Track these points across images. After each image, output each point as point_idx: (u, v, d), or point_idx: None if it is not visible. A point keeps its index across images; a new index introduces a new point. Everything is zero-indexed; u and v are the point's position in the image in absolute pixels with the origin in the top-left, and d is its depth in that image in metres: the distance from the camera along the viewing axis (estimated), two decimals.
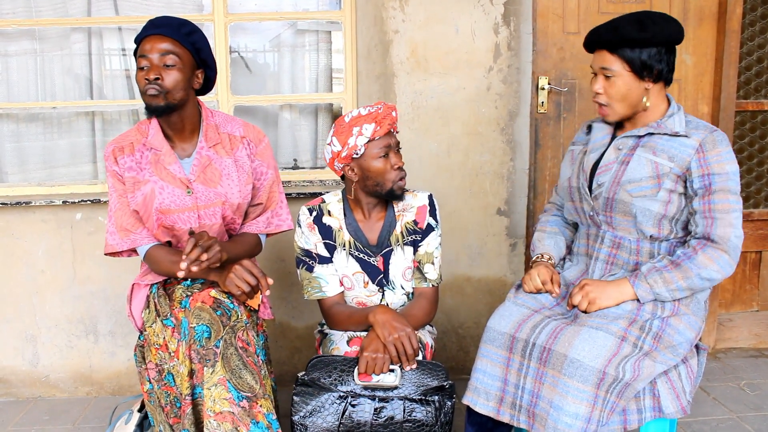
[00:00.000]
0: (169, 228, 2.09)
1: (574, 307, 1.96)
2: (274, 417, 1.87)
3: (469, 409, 1.99)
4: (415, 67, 2.91)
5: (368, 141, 2.00)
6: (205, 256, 1.86)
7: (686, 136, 1.92)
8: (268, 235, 2.27)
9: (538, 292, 2.04)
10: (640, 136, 1.98)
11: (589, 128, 2.16)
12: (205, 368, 1.83)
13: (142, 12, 3.06)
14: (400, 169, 2.05)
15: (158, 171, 2.07)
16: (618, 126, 2.08)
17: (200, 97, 3.00)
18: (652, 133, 1.97)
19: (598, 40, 1.97)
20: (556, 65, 3.04)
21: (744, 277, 3.34)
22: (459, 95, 2.93)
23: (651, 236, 1.96)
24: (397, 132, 2.09)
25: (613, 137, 2.07)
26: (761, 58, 3.19)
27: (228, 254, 2.00)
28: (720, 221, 1.85)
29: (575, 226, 2.26)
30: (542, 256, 2.15)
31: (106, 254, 2.16)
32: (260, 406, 1.83)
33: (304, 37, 3.21)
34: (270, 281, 1.96)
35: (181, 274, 1.85)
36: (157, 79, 1.98)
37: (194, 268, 1.85)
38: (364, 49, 2.92)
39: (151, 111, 2.03)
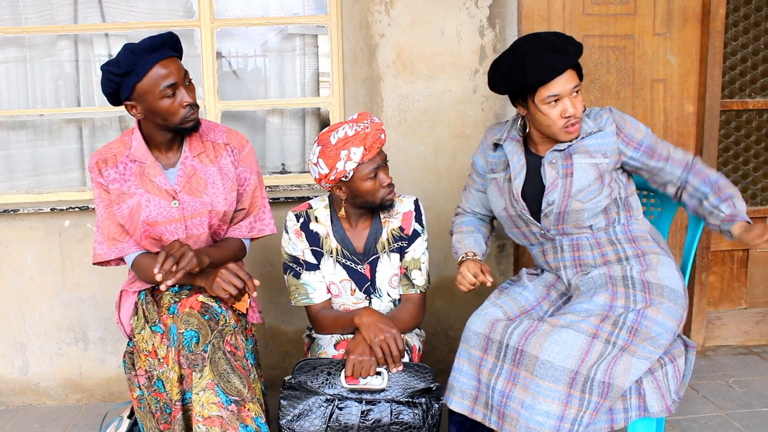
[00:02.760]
0: (157, 239, 2.09)
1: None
2: (263, 421, 1.87)
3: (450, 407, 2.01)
4: (401, 70, 2.92)
5: (357, 165, 1.97)
6: (176, 267, 1.86)
7: (602, 129, 2.02)
8: (252, 239, 2.27)
9: (475, 286, 2.03)
10: (567, 145, 2.01)
11: (496, 146, 2.17)
12: (194, 373, 1.83)
13: (130, 18, 3.06)
14: (390, 185, 2.03)
15: (143, 183, 2.06)
16: (525, 142, 2.11)
17: None
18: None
19: (567, 63, 1.91)
20: None
21: (732, 275, 3.36)
22: (445, 98, 2.94)
23: (605, 225, 2.02)
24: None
25: (527, 153, 2.09)
26: (745, 57, 3.21)
27: (211, 259, 2.00)
28: (676, 156, 2.05)
29: (492, 224, 2.34)
30: (467, 254, 2.14)
31: (94, 264, 2.16)
32: (248, 410, 1.84)
33: (291, 42, 3.22)
34: (256, 283, 1.96)
35: (163, 288, 1.85)
36: (195, 104, 2.01)
37: (170, 282, 1.85)
38: (350, 53, 2.93)
39: (189, 130, 2.04)
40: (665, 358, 1.91)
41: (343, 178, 1.98)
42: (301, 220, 2.14)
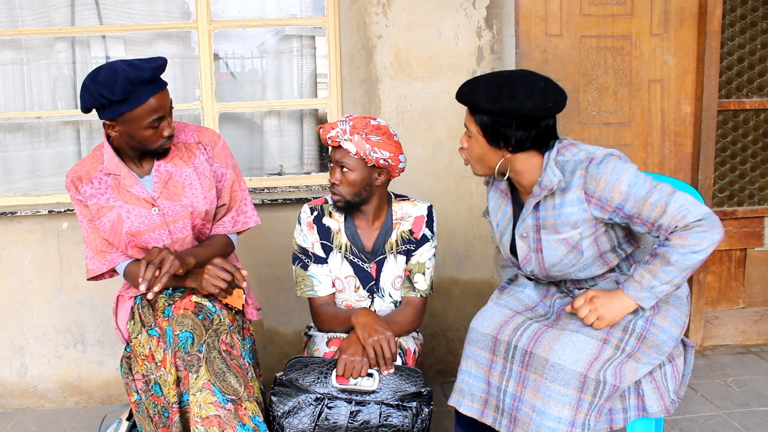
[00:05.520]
0: (143, 248, 2.09)
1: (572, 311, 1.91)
2: (261, 419, 1.87)
3: (457, 410, 2.00)
4: (399, 71, 2.92)
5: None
6: (159, 272, 1.86)
7: (568, 188, 1.78)
8: (238, 233, 2.27)
9: None
10: (534, 210, 1.86)
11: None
12: (190, 374, 1.84)
13: (127, 20, 3.06)
14: (332, 185, 2.06)
15: (121, 195, 2.05)
16: (512, 185, 1.97)
17: (185, 105, 3.02)
18: (539, 202, 1.84)
19: (459, 98, 1.84)
20: (540, 67, 3.06)
21: (729, 274, 3.37)
22: (443, 99, 2.94)
23: (605, 271, 1.92)
24: (346, 150, 2.01)
25: (515, 203, 1.97)
26: (742, 57, 3.21)
27: (197, 259, 2.01)
28: (666, 222, 1.72)
29: None
30: None
31: (88, 279, 2.16)
32: (246, 408, 1.84)
33: (288, 44, 3.22)
34: (245, 273, 1.96)
35: (150, 296, 1.86)
36: (173, 134, 2.01)
37: (156, 288, 1.85)
38: (347, 55, 2.93)
39: (159, 155, 2.05)
40: (664, 357, 1.91)
41: None
42: (315, 213, 2.16)
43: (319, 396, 1.93)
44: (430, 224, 2.17)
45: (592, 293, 1.84)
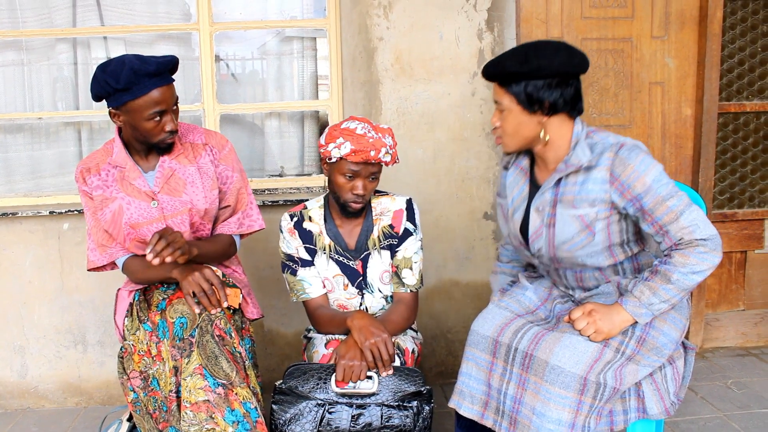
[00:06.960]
0: (142, 242, 2.13)
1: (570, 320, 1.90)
2: (253, 406, 1.88)
3: (457, 412, 2.00)
4: (400, 73, 2.92)
5: (341, 158, 2.02)
6: (170, 249, 1.88)
7: (594, 167, 1.82)
8: (242, 236, 2.30)
9: None
10: (555, 186, 1.89)
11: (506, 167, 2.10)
12: (183, 359, 1.87)
13: (128, 21, 3.06)
14: (359, 195, 2.05)
15: (124, 187, 2.11)
16: (531, 165, 2.00)
17: (186, 107, 3.03)
18: (561, 179, 1.87)
19: (487, 73, 1.89)
20: None
21: (730, 276, 3.37)
22: (444, 101, 2.95)
23: (610, 264, 1.92)
24: (384, 163, 2.05)
25: (531, 183, 1.99)
26: (742, 60, 3.22)
27: (200, 250, 2.04)
28: (674, 230, 1.75)
29: None
30: None
31: (89, 270, 2.20)
32: (236, 394, 1.86)
33: (289, 45, 3.22)
34: (228, 292, 1.99)
35: (156, 262, 1.86)
36: (176, 130, 2.04)
37: (168, 259, 1.88)
38: (349, 57, 2.94)
39: (162, 150, 2.09)
40: (664, 360, 1.91)
41: (328, 159, 2.06)
42: (295, 219, 2.20)
43: (320, 402, 1.94)
44: (411, 218, 2.18)
45: (590, 306, 1.86)
